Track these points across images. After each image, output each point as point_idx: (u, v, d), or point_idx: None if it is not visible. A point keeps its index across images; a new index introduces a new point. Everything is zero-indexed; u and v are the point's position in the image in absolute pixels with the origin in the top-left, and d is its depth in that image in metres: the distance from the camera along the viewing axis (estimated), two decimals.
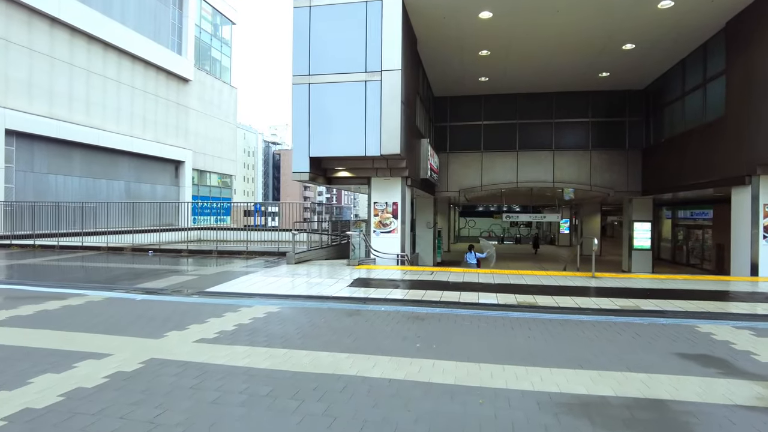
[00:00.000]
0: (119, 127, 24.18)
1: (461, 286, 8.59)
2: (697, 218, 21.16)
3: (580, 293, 8.11)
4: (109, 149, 23.70)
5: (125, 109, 24.68)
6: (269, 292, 7.77)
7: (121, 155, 24.70)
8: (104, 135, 23.22)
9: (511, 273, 10.27)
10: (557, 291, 8.23)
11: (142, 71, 25.75)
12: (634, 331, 5.62)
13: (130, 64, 24.93)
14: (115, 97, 24.00)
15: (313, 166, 11.43)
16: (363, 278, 9.24)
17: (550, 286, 8.64)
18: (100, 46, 23.07)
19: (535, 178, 17.86)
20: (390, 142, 10.79)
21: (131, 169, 25.57)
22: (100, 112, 23.10)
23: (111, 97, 23.77)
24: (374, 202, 12.41)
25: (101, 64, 23.22)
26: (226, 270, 10.81)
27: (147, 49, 25.47)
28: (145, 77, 25.94)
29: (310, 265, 11.11)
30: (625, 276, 10.16)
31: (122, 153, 24.66)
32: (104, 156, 23.68)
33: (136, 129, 25.36)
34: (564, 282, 9.16)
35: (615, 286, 8.81)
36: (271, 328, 5.53)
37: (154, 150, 26.39)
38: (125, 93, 24.67)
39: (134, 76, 25.23)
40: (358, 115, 10.95)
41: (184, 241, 17.62)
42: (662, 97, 16.15)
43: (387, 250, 12.16)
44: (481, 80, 16.38)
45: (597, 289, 8.54)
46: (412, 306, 6.95)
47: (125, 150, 24.59)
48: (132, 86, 25.14)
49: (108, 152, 23.76)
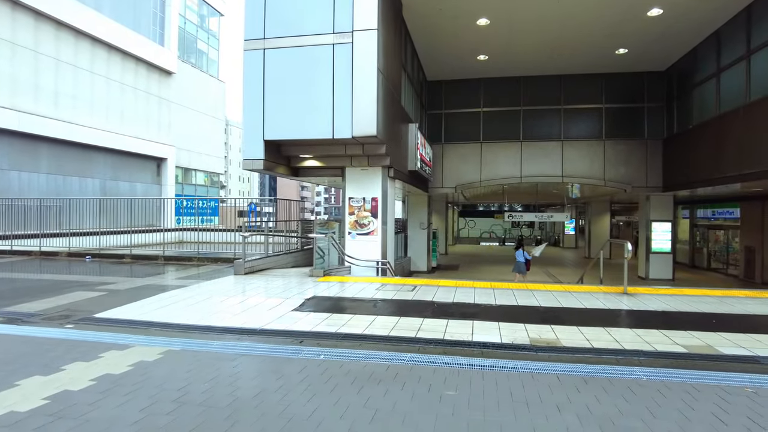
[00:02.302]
0: (93, 121, 21.79)
1: (450, 309, 6.06)
2: (719, 218, 18.52)
3: (616, 321, 5.57)
4: (81, 144, 21.32)
5: (100, 102, 22.30)
6: (173, 321, 5.28)
7: (96, 151, 22.31)
8: (76, 129, 20.86)
9: (516, 287, 7.72)
10: (582, 317, 5.69)
11: (119, 62, 23.36)
12: (746, 406, 3.09)
13: (105, 53, 22.55)
14: (88, 89, 21.62)
15: (269, 151, 8.93)
16: (320, 297, 6.73)
17: (571, 310, 6.10)
18: (71, 33, 20.71)
19: (541, 172, 15.28)
20: (363, 121, 8.28)
21: (107, 166, 23.18)
22: (70, 104, 20.71)
23: (83, 88, 21.39)
24: (349, 198, 9.91)
25: (72, 53, 20.86)
26: (150, 283, 8.28)
27: (124, 39, 23.09)
28: (122, 68, 23.56)
29: (264, 275, 8.62)
30: (667, 291, 7.61)
31: (97, 149, 22.26)
32: (76, 152, 21.30)
33: (113, 123, 22.96)
34: (588, 301, 6.62)
35: (660, 308, 6.25)
36: (104, 408, 3.02)
37: (133, 146, 24.01)
38: (100, 85, 22.29)
39: (110, 67, 22.84)
40: (325, 89, 8.45)
41: (161, 244, 15.03)
42: (689, 77, 13.54)
43: (364, 256, 9.66)
44: (480, 59, 13.83)
45: (637, 314, 5.98)
46: (371, 349, 4.43)
47: (100, 146, 22.19)
48: (108, 78, 22.75)
49: (81, 148, 21.38)
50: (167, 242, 15.96)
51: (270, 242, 10.62)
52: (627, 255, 7.01)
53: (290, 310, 5.87)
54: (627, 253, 6.96)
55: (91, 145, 21.70)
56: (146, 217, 16.59)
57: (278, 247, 10.81)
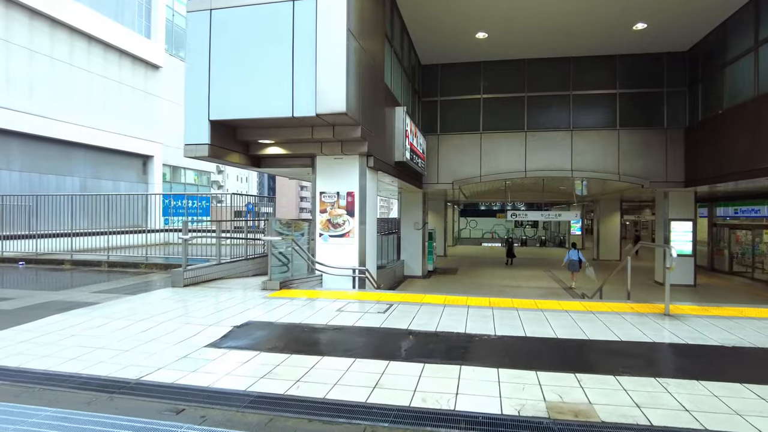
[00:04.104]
0: (73, 116, 20.14)
1: (430, 343, 4.21)
2: (742, 216, 16.53)
3: (668, 364, 3.72)
4: (59, 141, 19.67)
5: (80, 96, 20.64)
6: (21, 367, 3.49)
7: (76, 148, 20.66)
8: (53, 124, 19.22)
9: (522, 306, 5.86)
10: (619, 356, 3.83)
11: (101, 54, 21.70)
12: None
13: (85, 45, 20.91)
14: (66, 83, 19.96)
15: (219, 135, 7.13)
16: (257, 323, 4.90)
17: (600, 343, 4.24)
18: (46, 22, 19.08)
19: (548, 165, 13.38)
20: (329, 96, 6.46)
21: (88, 164, 21.53)
22: (47, 98, 19.05)
23: (61, 82, 19.73)
24: (320, 193, 8.09)
25: (48, 44, 19.22)
26: (58, 299, 6.46)
27: (106, 30, 21.45)
28: (105, 61, 21.89)
29: (206, 288, 6.80)
30: (720, 311, 5.71)
31: (77, 145, 20.61)
32: (54, 148, 19.66)
33: (95, 119, 21.29)
34: (619, 327, 4.76)
35: (723, 339, 4.35)
36: None
37: (117, 143, 22.34)
38: (81, 78, 20.63)
39: (91, 60, 21.19)
40: (283, 56, 6.64)
41: (143, 245, 13.15)
42: (717, 56, 11.59)
43: (339, 262, 7.85)
44: (479, 37, 11.94)
45: (695, 350, 4.09)
46: (290, 426, 2.63)
47: (81, 142, 20.54)
48: (89, 71, 21.09)
49: (59, 144, 19.73)
50: (152, 244, 14.09)
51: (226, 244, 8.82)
52: (670, 265, 5.10)
53: (204, 345, 4.07)
54: (670, 262, 5.05)
55: (70, 141, 20.07)
56: (130, 217, 14.67)
57: (250, 250, 8.98)
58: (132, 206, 14.81)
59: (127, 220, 14.69)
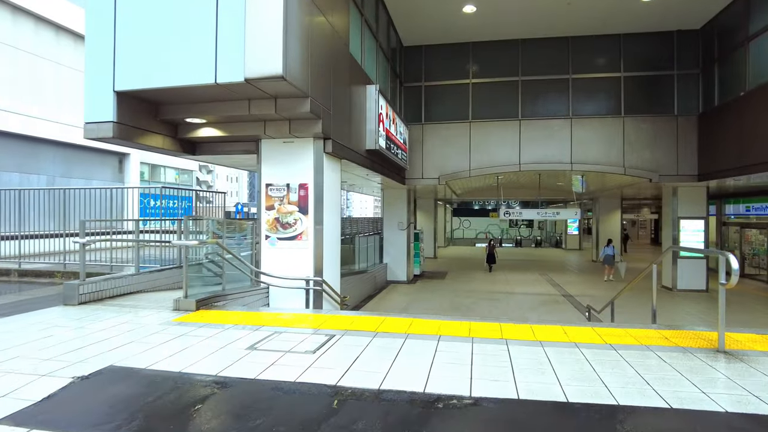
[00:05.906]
0: (38, 110, 18.48)
1: (359, 422, 2.55)
2: (755, 215, 14.92)
3: None
4: (23, 136, 18.01)
5: (47, 89, 19.00)
6: None
7: (43, 144, 18.97)
8: (15, 118, 17.58)
9: (514, 336, 4.19)
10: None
11: (71, 44, 20.07)
12: None
13: (53, 34, 19.29)
14: (30, 74, 18.31)
15: (129, 112, 5.42)
16: (114, 372, 3.22)
17: (638, 417, 2.56)
18: (8, 9, 17.43)
19: (545, 158, 11.73)
20: (261, 53, 4.79)
21: (58, 161, 19.88)
22: (6, 90, 17.40)
23: (24, 73, 18.09)
24: (267, 185, 6.41)
25: (10, 31, 17.57)
26: None
27: (73, 17, 19.78)
28: (74, 51, 20.22)
29: (105, 306, 5.11)
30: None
31: (44, 141, 18.93)
32: (17, 144, 17.98)
33: (64, 113, 19.61)
34: (656, 376, 3.09)
35: None
36: None
37: None
38: (46, 69, 18.98)
39: (60, 49, 19.55)
40: (205, 8, 4.98)
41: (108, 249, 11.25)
42: (738, 31, 9.96)
43: (290, 271, 6.18)
44: (467, 11, 10.28)
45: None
46: None
47: (48, 138, 18.89)
48: (57, 63, 19.47)
49: (23, 140, 18.05)
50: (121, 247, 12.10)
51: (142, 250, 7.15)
52: (731, 281, 3.40)
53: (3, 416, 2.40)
54: (734, 275, 3.35)
55: (35, 137, 18.40)
56: (102, 216, 12.55)
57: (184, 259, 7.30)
58: (103, 205, 12.79)
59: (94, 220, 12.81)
